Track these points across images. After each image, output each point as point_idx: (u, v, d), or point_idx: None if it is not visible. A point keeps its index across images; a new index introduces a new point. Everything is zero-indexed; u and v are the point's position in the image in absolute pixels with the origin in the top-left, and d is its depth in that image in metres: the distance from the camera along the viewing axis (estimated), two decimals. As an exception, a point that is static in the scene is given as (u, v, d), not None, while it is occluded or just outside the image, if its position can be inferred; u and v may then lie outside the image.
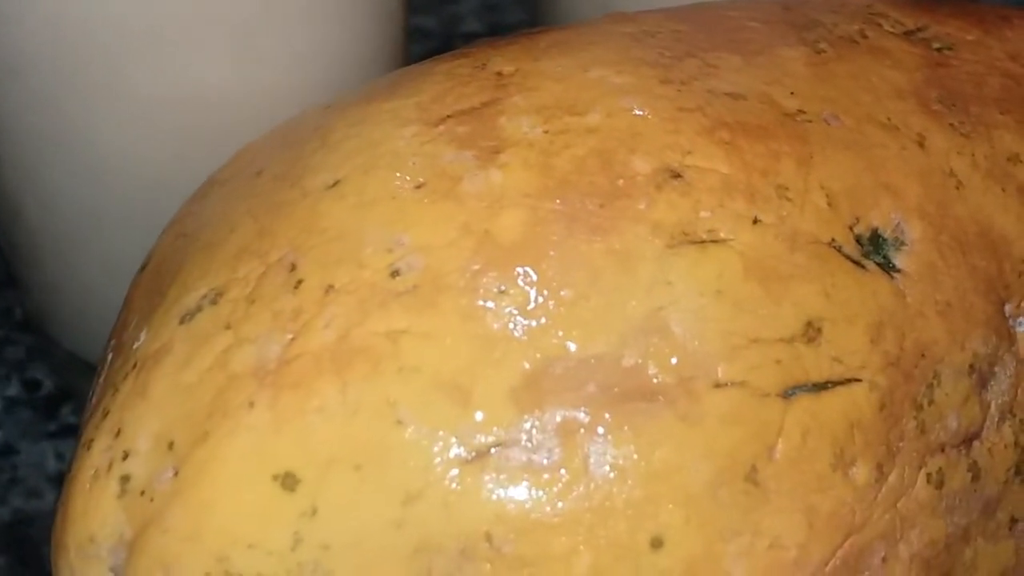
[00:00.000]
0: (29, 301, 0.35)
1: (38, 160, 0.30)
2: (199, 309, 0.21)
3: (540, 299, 0.20)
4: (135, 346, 0.22)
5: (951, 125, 0.24)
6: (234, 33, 0.28)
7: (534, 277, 0.20)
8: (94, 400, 0.22)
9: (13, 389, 0.35)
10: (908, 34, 0.26)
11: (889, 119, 0.23)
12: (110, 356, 0.23)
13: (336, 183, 0.22)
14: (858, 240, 0.22)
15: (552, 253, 0.20)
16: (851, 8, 0.27)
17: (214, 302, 0.21)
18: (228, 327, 0.21)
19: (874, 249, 0.22)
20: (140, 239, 0.30)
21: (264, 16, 0.28)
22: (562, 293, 0.20)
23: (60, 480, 0.33)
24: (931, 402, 0.21)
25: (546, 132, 0.22)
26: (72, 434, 0.34)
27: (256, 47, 0.28)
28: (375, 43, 0.31)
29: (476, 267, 0.20)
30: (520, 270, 0.20)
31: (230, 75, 0.28)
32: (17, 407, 0.35)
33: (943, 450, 0.21)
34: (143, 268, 0.24)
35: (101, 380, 0.23)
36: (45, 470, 0.34)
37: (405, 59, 0.33)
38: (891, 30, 0.26)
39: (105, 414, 0.21)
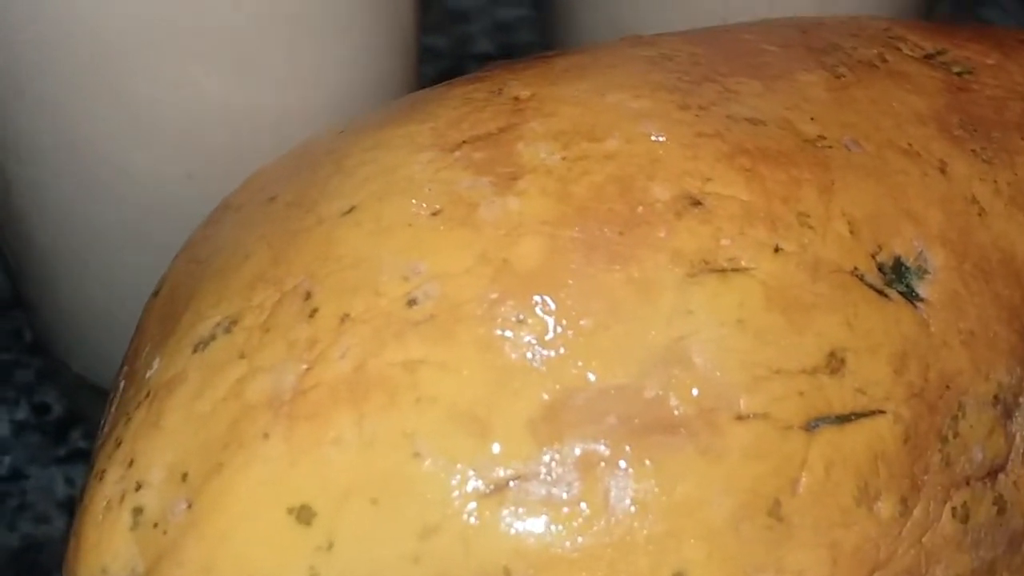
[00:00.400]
0: (38, 322, 0.35)
1: (46, 179, 0.30)
2: (213, 337, 0.21)
3: (559, 329, 0.20)
4: (148, 374, 0.22)
5: (973, 151, 0.24)
6: (243, 50, 0.28)
7: (553, 306, 0.20)
8: (106, 428, 0.22)
9: (22, 412, 0.35)
10: (928, 58, 0.26)
11: (910, 145, 0.23)
12: (122, 384, 0.23)
13: (351, 210, 0.21)
14: (880, 269, 0.21)
15: (571, 282, 0.20)
16: (869, 31, 0.26)
17: (228, 330, 0.21)
18: (243, 356, 0.21)
19: (897, 278, 0.22)
20: (150, 261, 0.30)
21: (272, 34, 0.28)
22: (581, 323, 0.20)
23: (69, 505, 0.33)
24: (956, 434, 0.21)
25: (564, 158, 0.21)
26: (82, 458, 0.34)
27: (264, 65, 0.28)
28: (386, 61, 0.31)
29: (494, 296, 0.20)
30: (538, 299, 0.20)
31: (239, 92, 0.28)
32: (26, 431, 0.34)
33: (968, 483, 0.21)
34: (156, 294, 0.24)
35: (113, 408, 0.22)
36: (54, 495, 0.33)
37: (417, 79, 0.32)
38: (910, 54, 0.26)
39: (118, 443, 0.21)
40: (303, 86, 0.29)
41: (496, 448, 0.19)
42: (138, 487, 0.20)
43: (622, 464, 0.19)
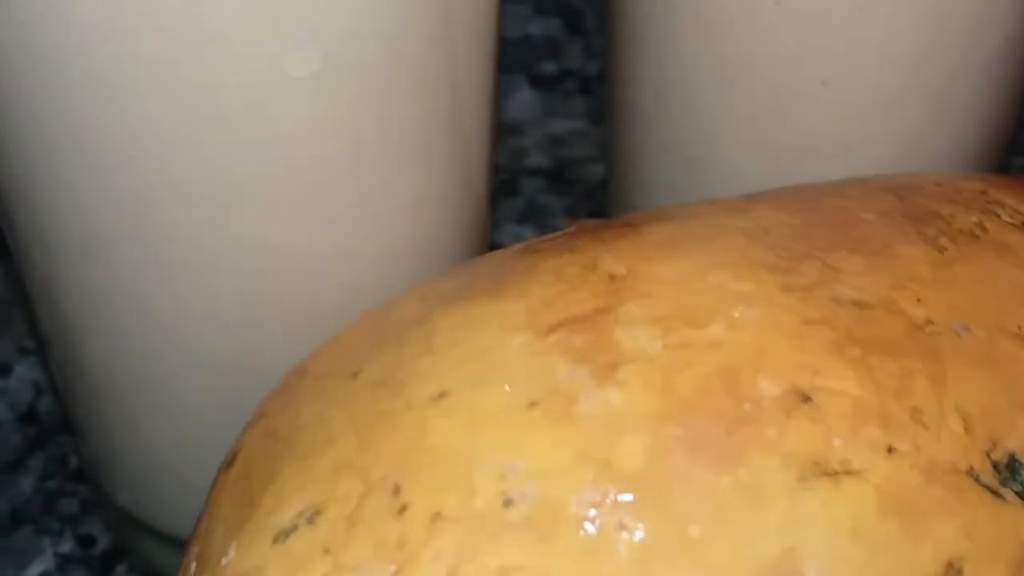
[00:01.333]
0: (84, 448, 0.34)
1: (104, 322, 0.29)
2: (295, 528, 0.20)
3: (664, 536, 0.19)
4: (223, 562, 0.21)
5: (1082, 333, 0.23)
6: (309, 193, 0.27)
7: (657, 512, 0.19)
8: (177, 617, 0.21)
9: (67, 545, 0.34)
10: (1027, 224, 0.25)
11: (1020, 328, 0.22)
12: (193, 566, 0.22)
13: (442, 395, 0.20)
14: (995, 467, 0.20)
15: (676, 485, 0.19)
16: (966, 196, 0.26)
17: (311, 521, 0.20)
18: (327, 551, 0.20)
19: (1011, 476, 0.21)
20: (208, 408, 0.29)
21: (339, 175, 0.27)
22: (688, 530, 0.19)
23: (115, 649, 0.32)
24: (1077, 649, 0.20)
25: (665, 346, 0.20)
26: (127, 596, 0.33)
27: (334, 205, 0.27)
28: (462, 194, 0.30)
29: (595, 498, 0.19)
30: (642, 503, 0.19)
31: (305, 237, 0.27)
32: (71, 565, 0.33)
33: None
34: (228, 466, 0.23)
35: (184, 594, 0.21)
36: (100, 637, 0.32)
37: (490, 217, 0.31)
38: (1009, 220, 0.25)
39: (191, 639, 0.20)
40: (372, 227, 0.28)
41: (598, 667, 0.18)
42: None
43: None
